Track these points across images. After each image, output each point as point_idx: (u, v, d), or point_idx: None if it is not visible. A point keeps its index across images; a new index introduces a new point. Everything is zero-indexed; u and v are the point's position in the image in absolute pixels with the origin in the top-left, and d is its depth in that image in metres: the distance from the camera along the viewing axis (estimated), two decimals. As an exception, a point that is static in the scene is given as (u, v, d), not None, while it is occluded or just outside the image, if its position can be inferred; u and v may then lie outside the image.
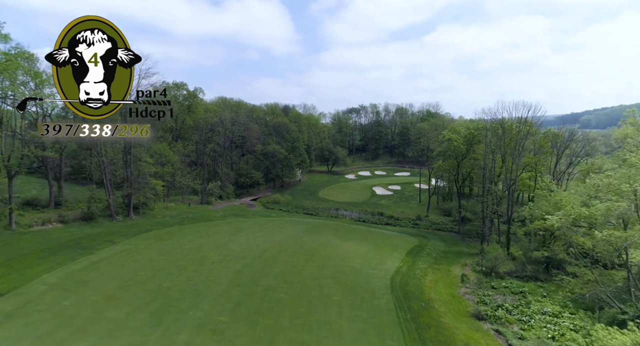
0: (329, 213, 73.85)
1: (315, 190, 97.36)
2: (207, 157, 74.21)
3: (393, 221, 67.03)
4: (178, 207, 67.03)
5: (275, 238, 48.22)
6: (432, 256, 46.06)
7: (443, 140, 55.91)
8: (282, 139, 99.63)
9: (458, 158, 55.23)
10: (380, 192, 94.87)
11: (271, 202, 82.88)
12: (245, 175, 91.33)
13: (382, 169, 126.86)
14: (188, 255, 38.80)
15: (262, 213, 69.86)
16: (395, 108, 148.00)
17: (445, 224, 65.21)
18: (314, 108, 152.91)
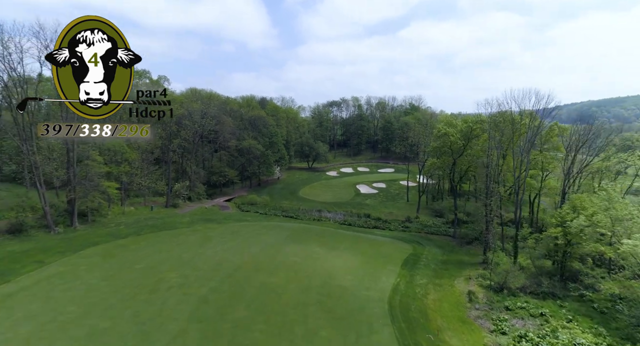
0: (310, 215, 67.30)
1: (295, 189, 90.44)
2: (173, 154, 65.73)
3: (381, 224, 61.30)
4: (138, 211, 58.55)
5: (251, 249, 41.21)
6: (430, 267, 40.44)
7: (438, 135, 50.47)
8: (259, 134, 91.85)
9: (454, 155, 49.92)
10: (364, 190, 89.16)
11: (247, 203, 75.38)
12: (218, 174, 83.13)
13: (365, 165, 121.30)
14: (140, 278, 31.26)
15: (236, 216, 62.41)
16: (377, 101, 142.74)
17: (437, 226, 60.10)
18: (292, 101, 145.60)
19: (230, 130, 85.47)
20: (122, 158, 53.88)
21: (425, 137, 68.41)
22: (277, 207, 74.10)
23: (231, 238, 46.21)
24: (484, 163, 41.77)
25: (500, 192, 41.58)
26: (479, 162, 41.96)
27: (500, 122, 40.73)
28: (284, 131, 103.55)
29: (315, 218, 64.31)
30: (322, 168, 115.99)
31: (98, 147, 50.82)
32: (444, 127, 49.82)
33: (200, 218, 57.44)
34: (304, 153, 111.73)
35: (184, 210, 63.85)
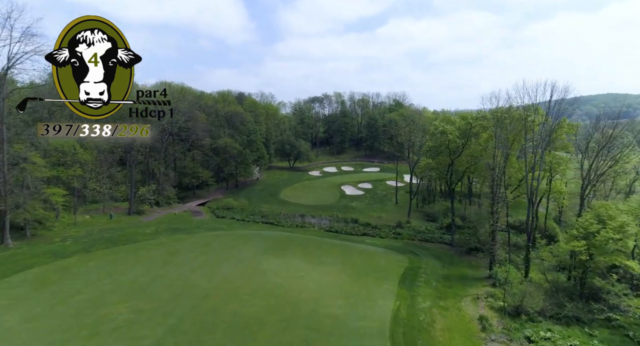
0: (293, 221, 61.32)
1: (275, 190, 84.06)
2: (137, 154, 58.09)
3: (371, 230, 56.03)
4: (95, 220, 50.94)
5: (223, 268, 34.95)
6: (431, 285, 35.39)
7: (435, 133, 45.55)
8: (236, 131, 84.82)
9: (452, 155, 45.17)
10: (350, 191, 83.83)
11: (222, 207, 68.57)
12: (191, 175, 75.80)
13: (349, 164, 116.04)
14: (77, 315, 24.56)
15: (209, 224, 55.68)
16: (361, 97, 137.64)
17: (431, 232, 55.41)
18: (272, 97, 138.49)
19: (204, 127, 78.18)
20: (73, 160, 46.16)
21: (416, 135, 63.69)
22: (256, 211, 67.67)
23: (201, 253, 39.74)
24: (490, 165, 37.02)
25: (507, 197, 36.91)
26: (484, 163, 37.33)
27: (506, 119, 36.06)
28: (263, 128, 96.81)
29: (298, 225, 58.37)
30: (304, 167, 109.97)
31: (43, 148, 43.10)
32: (441, 124, 44.96)
33: (168, 228, 50.45)
34: (284, 151, 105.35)
35: (150, 217, 56.53)
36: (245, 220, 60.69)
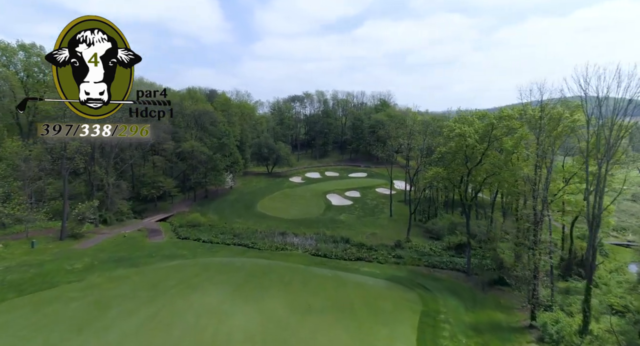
0: (272, 241, 51.02)
1: (251, 201, 73.28)
2: (69, 163, 45.60)
3: (366, 252, 46.56)
4: (9, 251, 38.91)
5: (173, 332, 24.29)
6: (460, 343, 26.11)
7: (450, 136, 36.60)
8: (206, 134, 73.56)
9: (471, 163, 36.41)
10: (336, 201, 74.27)
11: (187, 224, 57.43)
12: (151, 185, 64.10)
13: (333, 169, 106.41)
14: None
15: (166, 249, 44.63)
16: (345, 96, 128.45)
17: (438, 254, 46.61)
18: (248, 95, 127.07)
19: (166, 128, 66.51)
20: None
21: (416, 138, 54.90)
22: (228, 229, 56.89)
23: (146, 302, 28.83)
24: (530, 180, 28.20)
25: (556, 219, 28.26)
26: (523, 177, 28.68)
27: (555, 114, 27.40)
28: (237, 130, 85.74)
29: (279, 247, 48.15)
30: (284, 173, 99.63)
31: None
32: (458, 125, 36.11)
33: (108, 258, 39.07)
34: (262, 156, 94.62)
35: (89, 242, 44.78)
36: (214, 241, 49.88)
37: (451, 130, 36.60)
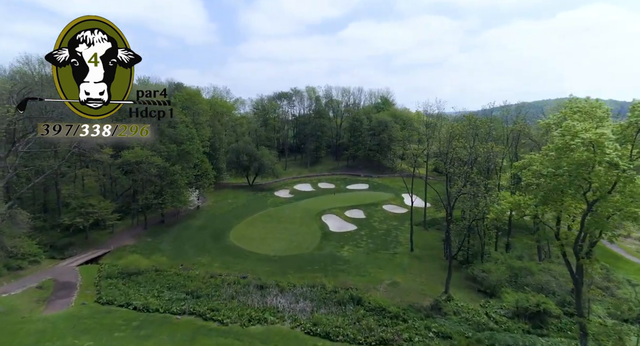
0: (244, 303, 33.30)
1: (222, 227, 55.22)
2: None
3: (390, 327, 29.43)
4: None
5: None
6: None
7: (571, 145, 19.36)
8: (161, 137, 55.29)
9: (599, 192, 19.58)
10: (335, 225, 57.02)
11: (122, 271, 39.29)
12: (76, 210, 45.68)
13: (327, 179, 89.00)
14: None
15: (57, 340, 26.50)
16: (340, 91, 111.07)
17: (503, 326, 29.77)
18: (228, 92, 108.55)
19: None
20: None
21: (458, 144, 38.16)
22: (181, 278, 38.84)
23: None
24: None
25: None
26: None
27: None
28: (207, 132, 67.50)
29: (254, 318, 30.55)
30: (268, 185, 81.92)
31: None
32: (584, 125, 19.11)
33: None
34: (240, 164, 76.65)
35: None
36: (152, 308, 31.83)
37: (573, 134, 19.61)
